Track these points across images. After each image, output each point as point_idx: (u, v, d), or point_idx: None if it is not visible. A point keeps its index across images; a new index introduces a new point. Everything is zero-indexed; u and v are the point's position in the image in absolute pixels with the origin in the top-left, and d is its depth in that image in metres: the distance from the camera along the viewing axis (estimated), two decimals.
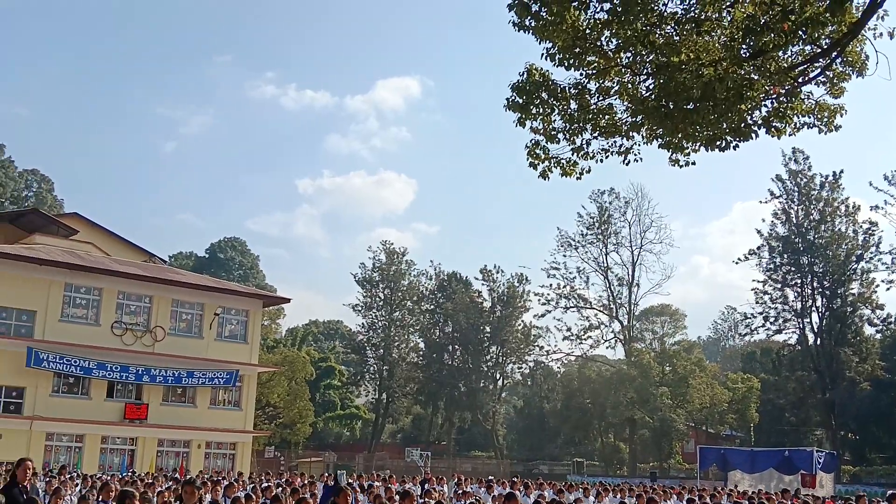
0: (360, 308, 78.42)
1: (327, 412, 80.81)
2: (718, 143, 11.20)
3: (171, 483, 23.90)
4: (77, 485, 24.34)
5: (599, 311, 73.98)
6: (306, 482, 26.02)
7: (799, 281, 62.13)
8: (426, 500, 17.24)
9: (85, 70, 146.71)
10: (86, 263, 43.06)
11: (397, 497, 14.71)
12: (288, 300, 57.40)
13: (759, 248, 63.52)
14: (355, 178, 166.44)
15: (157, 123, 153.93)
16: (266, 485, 23.01)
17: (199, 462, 44.27)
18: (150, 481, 23.73)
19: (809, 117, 11.90)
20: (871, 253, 60.08)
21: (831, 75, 11.84)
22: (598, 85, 12.07)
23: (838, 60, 11.54)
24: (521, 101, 12.05)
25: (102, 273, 43.15)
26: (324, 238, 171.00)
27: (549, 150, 12.76)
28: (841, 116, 12.04)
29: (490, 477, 31.38)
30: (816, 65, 11.61)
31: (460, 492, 23.60)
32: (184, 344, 45.17)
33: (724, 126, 11.20)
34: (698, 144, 11.63)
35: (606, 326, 73.97)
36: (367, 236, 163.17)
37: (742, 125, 10.78)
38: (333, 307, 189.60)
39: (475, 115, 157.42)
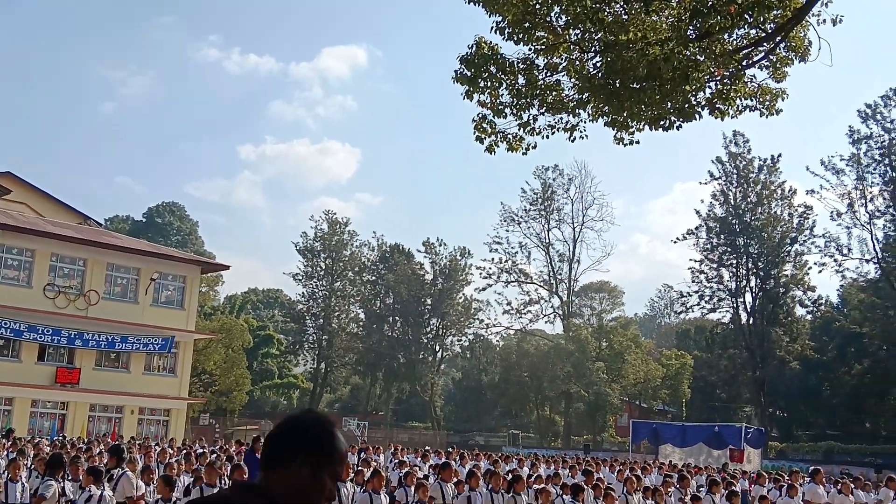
0: (300, 277, 77.96)
1: (265, 381, 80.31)
2: (663, 122, 11.30)
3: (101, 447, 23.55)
4: (5, 448, 23.82)
5: (540, 286, 74.73)
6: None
7: (734, 261, 63.46)
8: (362, 469, 17.25)
9: (21, 27, 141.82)
10: (18, 224, 41.81)
11: None
12: (227, 267, 56.78)
13: (697, 228, 64.73)
14: (299, 145, 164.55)
15: (96, 83, 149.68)
16: (200, 451, 22.81)
17: (132, 428, 43.66)
18: (84, 446, 23.34)
19: (752, 100, 12.08)
20: (805, 236, 61.67)
21: (775, 60, 12.01)
22: (546, 61, 12.07)
23: (782, 45, 11.70)
24: (469, 74, 11.98)
25: (35, 234, 41.99)
26: (265, 206, 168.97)
27: (495, 125, 12.75)
28: (782, 101, 12.24)
29: (427, 447, 31.56)
30: (761, 49, 11.77)
31: (396, 461, 23.72)
32: (118, 308, 44.29)
33: (669, 106, 11.30)
34: (643, 123, 11.72)
35: (546, 301, 74.80)
36: (309, 205, 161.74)
37: (686, 105, 10.88)
38: (273, 276, 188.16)
39: (423, 87, 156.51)
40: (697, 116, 11.08)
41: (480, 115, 12.73)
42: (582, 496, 14.41)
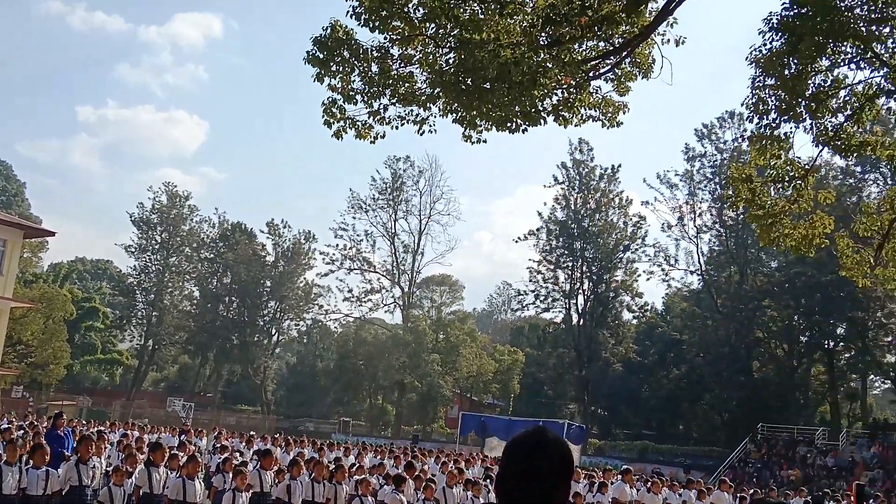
0: (133, 250, 74.73)
1: (86, 355, 76.47)
2: (509, 124, 11.42)
3: None
4: None
5: (382, 275, 74.82)
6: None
7: (570, 264, 65.66)
8: (178, 453, 16.65)
9: None
10: None
11: (147, 449, 14.10)
12: (52, 233, 53.42)
13: (538, 229, 66.58)
14: (143, 112, 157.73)
15: None
16: (6, 426, 21.35)
17: None
18: None
19: (595, 111, 12.42)
20: (637, 245, 64.62)
21: (620, 74, 12.41)
22: (400, 51, 11.96)
23: (627, 60, 12.10)
24: (321, 56, 11.72)
25: None
26: (102, 171, 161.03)
27: (345, 110, 12.55)
28: (624, 114, 12.66)
29: (251, 432, 30.90)
30: (607, 62, 12.12)
31: (218, 445, 23.07)
32: None
33: (516, 109, 11.44)
34: (490, 123, 11.83)
35: (387, 291, 74.99)
36: (149, 175, 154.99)
37: (533, 110, 11.04)
38: (105, 246, 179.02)
39: (278, 64, 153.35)
40: (542, 122, 11.27)
41: (331, 99, 12.50)
42: (403, 487, 14.47)
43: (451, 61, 11.29)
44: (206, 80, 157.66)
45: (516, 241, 72.73)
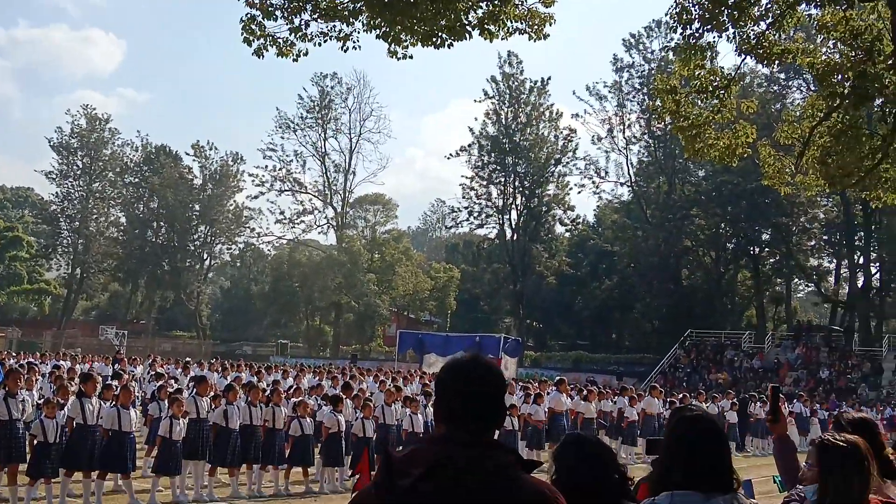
0: (54, 176, 72.35)
1: (12, 286, 74.61)
2: (434, 39, 11.20)
3: None
4: None
5: (314, 196, 73.92)
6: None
7: (503, 179, 65.77)
8: (114, 382, 16.46)
9: None
10: None
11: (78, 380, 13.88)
12: None
13: (469, 145, 66.18)
14: (56, 31, 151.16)
15: None
16: None
17: None
18: None
19: (521, 23, 12.23)
20: (568, 158, 64.95)
21: None
22: None
23: None
24: None
25: None
26: (16, 95, 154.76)
27: (265, 27, 12.15)
28: (550, 25, 12.48)
29: (188, 358, 30.73)
30: None
31: (153, 373, 22.88)
32: None
33: (442, 23, 11.19)
34: (415, 39, 11.57)
35: (320, 212, 74.19)
36: (66, 98, 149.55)
37: (458, 24, 10.82)
38: (24, 173, 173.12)
39: None
40: (468, 36, 11.07)
41: (249, 16, 12.08)
42: (341, 407, 14.59)
43: None
44: None
45: (448, 158, 72.48)
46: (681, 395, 24.42)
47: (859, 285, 51.98)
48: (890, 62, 11.07)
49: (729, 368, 45.19)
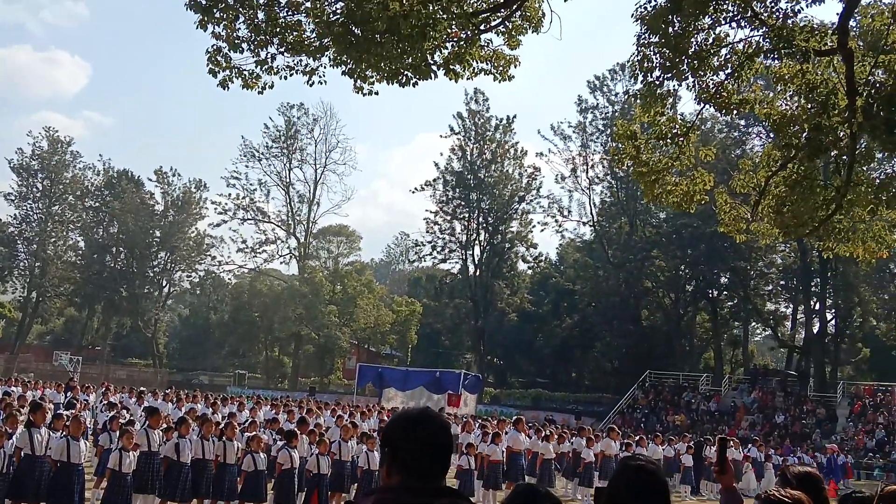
0: (13, 198, 71.27)
1: None
2: (400, 78, 11.27)
3: None
4: None
5: (277, 225, 73.59)
6: None
7: (467, 214, 66.04)
8: (66, 412, 16.13)
9: None
10: None
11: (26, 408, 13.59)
12: None
13: (435, 180, 66.44)
14: (19, 52, 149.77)
15: None
16: None
17: None
18: None
19: (487, 64, 12.38)
20: (532, 196, 65.44)
21: (510, 27, 12.37)
22: None
23: (518, 14, 12.07)
24: (204, 2, 11.25)
25: None
26: None
27: (231, 59, 12.16)
28: (515, 67, 12.65)
29: (142, 388, 30.23)
30: (498, 14, 12.06)
31: (106, 402, 22.49)
32: None
33: (408, 61, 11.28)
34: (381, 76, 11.64)
35: (283, 242, 73.83)
36: (28, 119, 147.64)
37: (423, 64, 10.92)
38: None
39: (164, 1, 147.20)
40: (433, 76, 11.16)
41: (215, 47, 12.08)
42: (296, 442, 14.41)
43: (339, 11, 11.02)
44: (86, 17, 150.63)
45: (413, 192, 72.84)
46: (637, 438, 24.50)
47: (815, 331, 52.69)
48: (844, 115, 11.36)
49: (686, 410, 45.50)
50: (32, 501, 11.27)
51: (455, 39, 11.07)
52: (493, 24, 11.78)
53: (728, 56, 10.96)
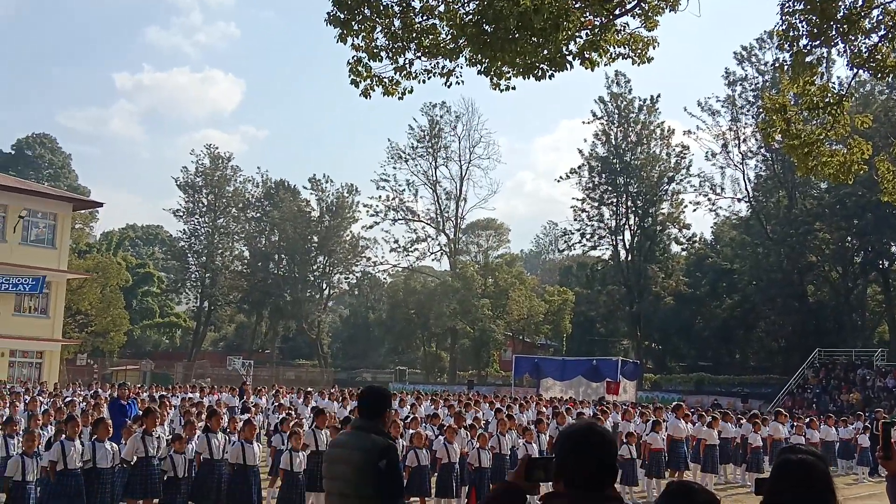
0: (181, 213, 75.78)
1: (145, 320, 78.40)
2: (535, 72, 11.26)
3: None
4: None
5: (427, 223, 74.94)
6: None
7: (615, 200, 64.94)
8: (242, 416, 17.07)
9: None
10: None
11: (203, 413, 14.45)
12: (100, 204, 54.75)
13: (579, 167, 65.65)
14: (179, 74, 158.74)
15: None
16: (69, 398, 22.09)
17: (3, 371, 42.03)
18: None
19: (624, 48, 12.16)
20: (682, 175, 63.56)
21: (646, 8, 12.10)
22: (422, 4, 11.82)
23: None
24: (342, 16, 11.63)
25: None
26: (143, 137, 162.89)
27: (371, 68, 12.47)
28: (653, 48, 12.35)
29: (309, 388, 31.54)
30: None
31: (277, 404, 23.61)
32: None
33: (543, 54, 11.26)
34: (517, 71, 11.67)
35: (433, 239, 75.15)
36: (190, 137, 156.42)
37: (558, 56, 10.86)
38: (153, 211, 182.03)
39: (308, 14, 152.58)
40: (569, 66, 11.09)
41: (355, 59, 12.43)
42: (454, 438, 14.67)
43: (472, 12, 11.13)
44: (238, 36, 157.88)
45: (558, 181, 72.24)
46: (807, 420, 23.43)
47: None
48: None
49: (861, 388, 43.07)
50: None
51: (590, 28, 10.95)
52: (628, 7, 11.56)
53: (880, 17, 10.33)
